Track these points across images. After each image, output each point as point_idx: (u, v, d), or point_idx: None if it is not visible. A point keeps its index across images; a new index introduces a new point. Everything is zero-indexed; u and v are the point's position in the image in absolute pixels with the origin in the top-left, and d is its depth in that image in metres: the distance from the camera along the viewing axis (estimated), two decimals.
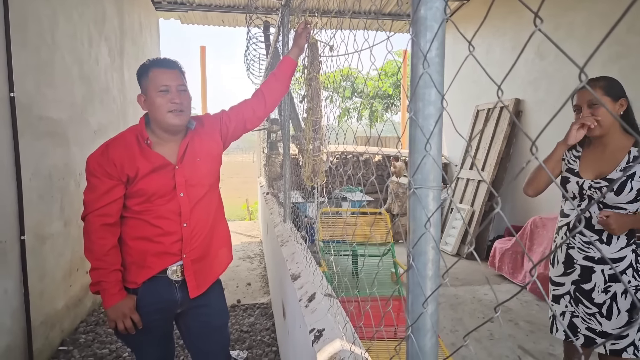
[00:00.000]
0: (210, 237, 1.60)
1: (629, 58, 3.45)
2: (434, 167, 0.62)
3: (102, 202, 1.43)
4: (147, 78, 1.47)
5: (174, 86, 1.46)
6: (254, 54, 4.94)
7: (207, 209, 1.58)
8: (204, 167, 1.56)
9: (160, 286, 1.52)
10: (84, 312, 3.35)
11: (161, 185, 1.47)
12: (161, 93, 1.44)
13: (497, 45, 5.37)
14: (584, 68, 0.38)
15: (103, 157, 1.44)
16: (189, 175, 1.52)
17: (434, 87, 0.60)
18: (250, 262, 5.18)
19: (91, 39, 3.63)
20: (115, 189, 1.44)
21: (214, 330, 1.69)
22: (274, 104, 1.78)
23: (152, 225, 1.47)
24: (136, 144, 1.47)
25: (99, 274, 1.44)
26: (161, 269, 1.50)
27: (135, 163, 1.44)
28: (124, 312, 1.45)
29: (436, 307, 0.65)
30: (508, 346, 2.83)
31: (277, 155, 5.19)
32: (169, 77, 1.46)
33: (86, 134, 3.49)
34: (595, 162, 1.67)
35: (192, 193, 1.52)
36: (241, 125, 1.71)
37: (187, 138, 1.54)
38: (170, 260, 1.51)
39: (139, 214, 1.47)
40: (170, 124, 1.47)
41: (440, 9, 0.59)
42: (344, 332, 1.28)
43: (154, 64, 1.48)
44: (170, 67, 1.49)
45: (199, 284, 1.57)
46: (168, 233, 1.48)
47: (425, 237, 0.63)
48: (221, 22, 7.20)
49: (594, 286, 1.65)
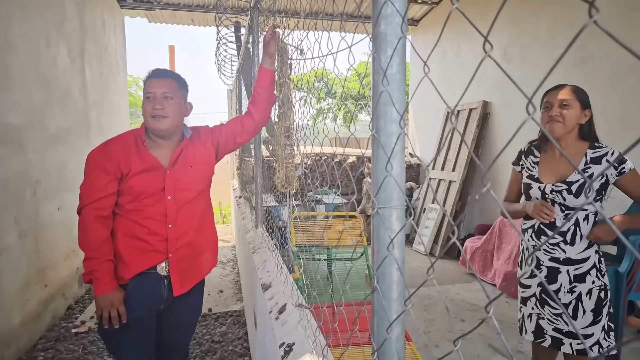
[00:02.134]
0: (196, 239, 1.68)
1: (591, 63, 3.56)
2: (397, 187, 0.60)
3: (98, 195, 1.52)
4: (144, 85, 1.60)
5: (158, 93, 1.56)
6: (224, 54, 4.86)
7: (193, 213, 1.67)
8: (194, 174, 1.66)
9: (149, 281, 1.59)
10: (43, 327, 3.17)
11: (150, 185, 1.56)
12: (147, 100, 1.57)
13: (467, 48, 5.47)
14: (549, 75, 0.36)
15: (102, 153, 1.54)
16: (178, 179, 1.61)
17: (394, 105, 0.58)
18: (223, 267, 5.08)
19: (49, 38, 3.46)
20: (110, 184, 1.53)
21: (184, 325, 1.81)
22: (263, 116, 1.83)
23: (140, 225, 1.56)
24: (134, 144, 1.58)
25: (93, 264, 1.50)
26: (148, 267, 1.58)
27: (129, 160, 1.54)
28: (112, 302, 1.51)
29: (402, 330, 0.63)
30: (479, 345, 2.88)
31: (249, 158, 5.12)
32: (155, 85, 1.57)
33: (44, 139, 3.32)
34: (554, 167, 1.73)
35: (179, 197, 1.62)
36: (231, 139, 1.80)
37: (181, 145, 1.64)
38: (157, 258, 1.59)
39: (128, 212, 1.56)
40: (152, 128, 1.57)
41: (400, 24, 0.57)
42: (314, 346, 1.25)
43: (151, 74, 1.61)
44: (160, 76, 1.60)
45: (183, 283, 1.66)
46: (154, 233, 1.57)
47: (388, 259, 0.60)
48: (190, 22, 7.05)
49: (560, 286, 1.69)
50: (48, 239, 3.32)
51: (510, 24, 4.52)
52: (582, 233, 1.65)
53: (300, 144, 1.82)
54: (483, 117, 5.05)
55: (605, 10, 3.31)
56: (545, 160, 1.78)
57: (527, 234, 1.83)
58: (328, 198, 5.48)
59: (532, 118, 0.36)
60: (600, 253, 1.69)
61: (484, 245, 4.30)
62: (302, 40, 1.63)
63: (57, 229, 3.48)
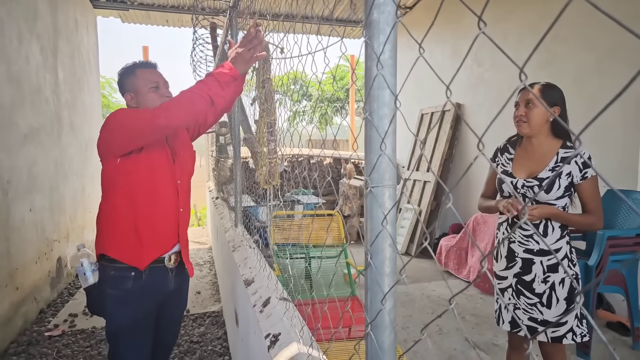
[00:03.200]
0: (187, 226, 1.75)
1: (556, 65, 3.74)
2: (389, 166, 0.64)
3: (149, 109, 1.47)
4: (134, 77, 1.60)
5: (161, 82, 1.64)
6: (200, 55, 4.83)
7: (189, 198, 1.75)
8: (188, 159, 1.75)
9: (159, 275, 1.63)
10: (15, 331, 3.07)
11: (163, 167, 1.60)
12: (152, 89, 1.61)
13: (439, 52, 5.62)
14: (523, 68, 0.40)
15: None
16: (181, 165, 1.69)
17: (388, 88, 0.62)
18: (199, 269, 5.02)
19: (21, 37, 3.37)
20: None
21: (176, 318, 1.86)
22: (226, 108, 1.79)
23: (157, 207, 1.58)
24: None
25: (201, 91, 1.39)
26: (161, 254, 1.60)
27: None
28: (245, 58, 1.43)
29: (394, 303, 0.66)
30: (456, 339, 2.96)
31: (226, 158, 5.09)
32: (156, 75, 1.64)
33: (15, 138, 3.22)
34: (527, 163, 1.81)
35: (184, 182, 1.69)
36: (196, 130, 1.85)
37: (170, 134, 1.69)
38: (169, 243, 1.63)
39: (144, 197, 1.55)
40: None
41: (392, 13, 0.61)
42: (300, 335, 1.27)
43: (138, 65, 1.64)
44: (153, 67, 1.67)
45: (191, 266, 1.76)
46: (167, 216, 1.62)
47: (382, 234, 0.64)
48: (165, 22, 6.95)
49: (535, 277, 1.76)
50: (19, 241, 3.21)
51: (480, 30, 4.67)
52: (554, 226, 1.74)
53: (279, 142, 1.85)
54: (456, 118, 5.20)
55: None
56: (519, 156, 1.85)
57: (502, 227, 1.91)
58: (305, 198, 5.51)
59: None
60: (571, 244, 1.77)
61: (459, 243, 4.42)
62: (282, 40, 1.67)
63: (28, 231, 3.37)
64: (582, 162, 1.68)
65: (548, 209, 1.69)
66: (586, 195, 1.70)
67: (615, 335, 2.94)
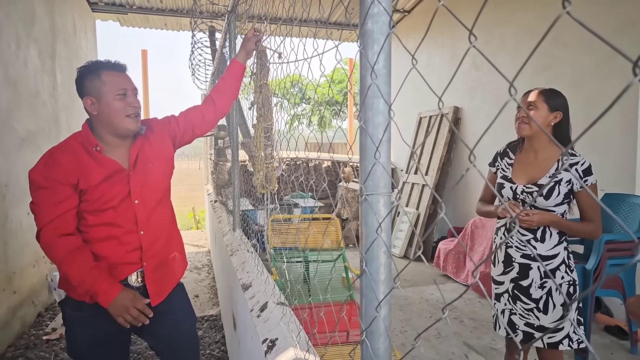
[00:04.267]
0: (168, 242, 1.58)
1: (554, 69, 3.75)
2: (384, 174, 0.64)
3: (56, 212, 1.34)
4: (98, 80, 1.39)
5: (130, 89, 1.44)
6: (199, 58, 4.85)
7: (163, 215, 1.56)
8: (156, 171, 1.53)
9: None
10: (12, 335, 3.07)
11: (116, 192, 1.41)
12: (119, 97, 1.40)
13: (437, 56, 5.64)
14: (513, 82, 0.41)
15: (47, 167, 1.35)
16: (142, 180, 1.47)
17: (382, 97, 0.62)
18: (198, 273, 5.02)
19: (19, 40, 3.38)
20: (69, 199, 1.36)
21: (181, 334, 1.65)
22: (225, 109, 1.76)
23: (108, 237, 1.43)
24: (84, 151, 1.40)
25: (77, 277, 1.33)
26: (120, 280, 1.45)
27: (87, 172, 1.37)
28: (125, 304, 1.36)
29: (389, 310, 0.66)
30: (454, 343, 2.96)
31: (225, 162, 5.10)
32: (125, 80, 1.43)
33: (12, 141, 3.22)
34: (527, 169, 1.80)
35: (147, 199, 1.48)
36: (189, 130, 1.67)
37: (137, 143, 1.49)
38: (129, 270, 1.47)
39: (92, 226, 1.41)
40: (128, 128, 1.42)
41: (386, 23, 0.62)
42: (297, 340, 1.28)
43: (104, 66, 1.43)
44: (122, 70, 1.46)
45: (160, 291, 1.54)
46: (124, 243, 1.44)
47: (377, 242, 0.64)
48: (164, 26, 6.97)
49: (531, 282, 1.76)
50: (16, 244, 3.21)
51: (479, 33, 4.69)
52: (552, 232, 1.73)
53: (277, 147, 1.85)
54: (454, 122, 5.21)
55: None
56: (519, 161, 1.84)
57: (500, 232, 1.91)
58: (303, 202, 5.51)
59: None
60: (569, 250, 1.76)
61: (457, 247, 4.42)
62: (280, 45, 1.68)
63: (25, 235, 3.37)
64: (583, 170, 1.66)
65: (548, 215, 1.68)
66: (586, 203, 1.70)
67: (613, 340, 2.94)
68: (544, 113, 1.71)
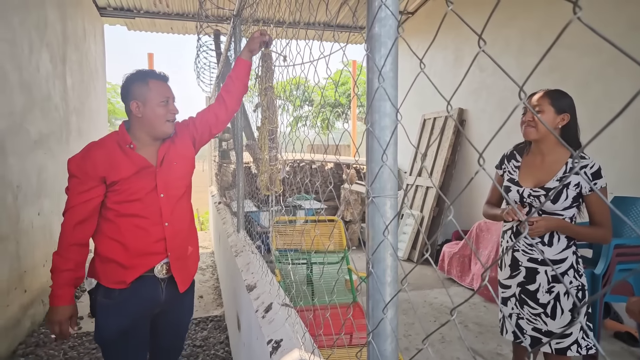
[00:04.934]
0: (188, 236, 1.72)
1: (560, 71, 3.74)
2: (391, 177, 0.65)
3: (78, 200, 1.50)
4: (147, 87, 1.57)
5: (171, 98, 1.63)
6: (204, 62, 4.88)
7: (185, 210, 1.71)
8: (180, 169, 1.69)
9: (147, 285, 1.60)
10: (23, 333, 3.11)
11: (143, 186, 1.57)
12: (162, 103, 1.58)
13: (440, 58, 5.64)
14: (523, 86, 0.41)
15: (84, 159, 1.51)
16: (167, 177, 1.63)
17: (389, 100, 0.63)
18: (202, 273, 5.03)
19: (32, 45, 3.44)
20: (93, 190, 1.52)
21: (179, 327, 1.83)
22: (235, 106, 1.86)
23: (136, 227, 1.56)
24: (118, 148, 1.56)
25: (53, 267, 1.50)
26: (147, 269, 1.58)
27: (118, 166, 1.53)
28: (54, 319, 1.50)
29: (396, 312, 0.67)
30: (459, 348, 2.94)
31: (229, 164, 5.12)
32: (168, 90, 1.63)
33: (25, 144, 3.28)
34: (534, 172, 1.76)
35: (170, 194, 1.64)
36: (207, 131, 1.81)
37: (166, 143, 1.66)
38: (156, 259, 1.60)
39: (122, 216, 1.55)
40: (166, 132, 1.62)
41: (394, 27, 0.62)
42: (302, 341, 1.28)
43: (152, 75, 1.61)
44: (166, 80, 1.66)
45: (184, 280, 1.69)
46: (151, 233, 1.58)
47: (383, 244, 0.65)
48: (170, 30, 7.02)
49: (539, 287, 1.72)
50: (28, 244, 3.26)
51: (483, 35, 4.70)
52: (560, 236, 1.69)
53: (281, 149, 1.86)
54: (459, 123, 5.20)
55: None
56: (526, 164, 1.81)
57: (506, 235, 1.87)
58: (307, 204, 5.52)
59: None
60: (578, 254, 1.72)
61: (462, 250, 4.40)
62: (285, 48, 1.70)
63: (36, 234, 3.42)
64: (592, 173, 1.63)
65: (554, 221, 1.64)
66: (595, 206, 1.65)
67: (623, 346, 2.87)
68: (551, 116, 1.67)
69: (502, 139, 1.84)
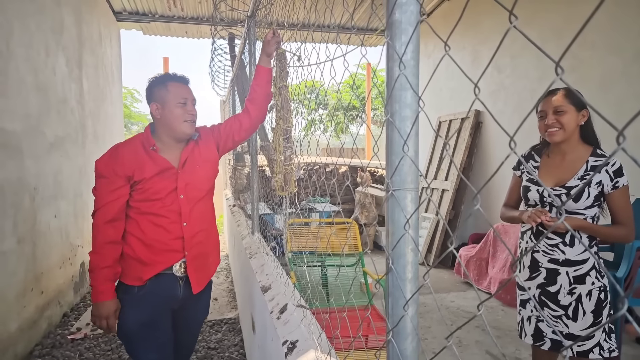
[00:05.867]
0: (207, 237, 1.75)
1: (581, 70, 3.66)
2: (412, 169, 0.63)
3: (109, 198, 1.56)
4: (165, 89, 1.62)
5: (190, 99, 1.66)
6: (219, 65, 4.91)
7: (204, 211, 1.75)
8: (202, 173, 1.73)
9: (166, 282, 1.64)
10: (39, 334, 3.14)
11: (164, 186, 1.61)
12: (180, 104, 1.62)
13: (457, 58, 5.57)
14: (559, 62, 0.39)
15: (112, 159, 1.57)
16: (188, 179, 1.67)
17: (411, 88, 0.61)
18: (216, 276, 5.04)
19: (48, 48, 3.49)
20: (121, 189, 1.57)
21: (195, 324, 1.89)
22: (259, 115, 1.89)
23: (155, 225, 1.60)
24: (143, 149, 1.62)
25: (92, 267, 1.55)
26: (167, 266, 1.63)
27: (142, 166, 1.58)
28: (102, 313, 1.55)
29: (416, 310, 0.64)
30: (476, 352, 2.88)
31: (243, 166, 5.13)
32: (187, 91, 1.66)
33: (42, 146, 3.32)
34: (555, 171, 1.73)
35: (190, 195, 1.67)
36: (230, 138, 1.85)
37: (189, 146, 1.70)
38: (174, 257, 1.64)
39: (143, 214, 1.60)
40: (185, 132, 1.64)
41: (415, 12, 0.60)
42: (318, 342, 1.26)
43: (171, 78, 1.66)
44: (186, 82, 1.69)
45: (200, 281, 1.72)
46: (170, 232, 1.62)
47: (404, 238, 0.62)
48: (184, 34, 7.10)
49: (560, 288, 1.69)
50: (44, 246, 3.30)
51: (501, 34, 4.63)
52: (582, 235, 1.66)
53: (295, 151, 1.85)
54: (476, 126, 5.13)
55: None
56: (545, 164, 1.79)
57: (525, 236, 1.84)
58: (321, 206, 5.50)
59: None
60: (599, 254, 1.70)
61: (479, 253, 4.32)
62: (299, 48, 1.69)
63: (53, 236, 3.47)
64: (614, 171, 1.61)
65: (576, 221, 1.62)
66: (617, 205, 1.63)
67: None
68: (574, 115, 1.65)
69: (521, 140, 1.79)
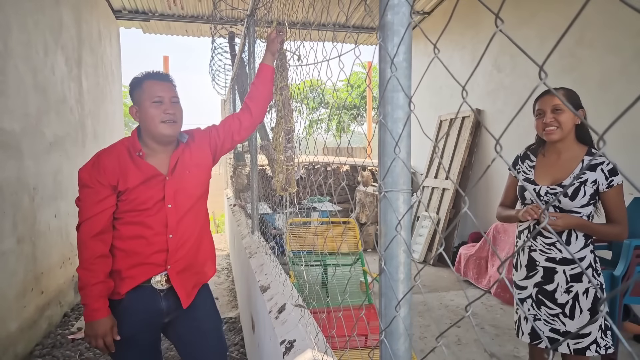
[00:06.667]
0: (197, 248, 1.62)
1: (580, 70, 3.65)
2: (404, 170, 0.63)
3: (94, 210, 1.44)
4: (140, 89, 1.49)
5: (167, 97, 1.50)
6: (219, 64, 4.91)
7: (195, 221, 1.61)
8: (193, 178, 1.59)
9: (144, 296, 1.52)
10: (40, 334, 3.15)
11: (150, 195, 1.49)
12: (155, 104, 1.48)
13: (457, 58, 5.57)
14: (543, 66, 0.39)
15: (94, 168, 1.46)
16: (177, 186, 1.54)
17: (402, 90, 0.61)
18: (217, 275, 5.05)
19: (47, 47, 3.49)
20: (107, 199, 1.46)
21: (204, 334, 1.67)
22: (260, 113, 1.79)
23: (138, 236, 1.49)
24: (127, 155, 1.49)
25: (83, 283, 1.42)
26: (144, 280, 1.50)
27: (127, 174, 1.46)
28: (98, 332, 1.43)
29: (409, 310, 0.65)
30: (475, 351, 2.89)
31: (243, 166, 5.13)
32: (162, 88, 1.50)
33: (41, 146, 3.32)
34: (550, 170, 1.75)
35: (180, 204, 1.54)
36: (229, 138, 1.73)
37: (178, 150, 1.57)
38: (154, 271, 1.51)
39: (126, 224, 1.49)
40: (163, 134, 1.49)
41: (407, 14, 0.60)
42: (315, 342, 1.26)
43: (147, 76, 1.52)
44: (163, 79, 1.53)
45: (189, 293, 1.59)
46: (152, 244, 1.50)
47: (396, 240, 0.63)
48: (184, 32, 7.10)
49: (557, 287, 1.70)
50: (44, 245, 3.31)
51: (500, 33, 4.62)
52: (578, 234, 1.68)
53: (296, 150, 1.84)
54: (476, 125, 5.12)
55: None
56: (541, 163, 1.80)
57: (522, 235, 1.86)
58: (321, 206, 5.50)
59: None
60: (596, 253, 1.72)
61: (478, 252, 4.33)
62: (299, 48, 1.68)
63: (53, 236, 3.47)
64: (609, 170, 1.62)
65: (573, 219, 1.63)
66: (611, 204, 1.65)
67: None
68: (571, 114, 1.66)
69: (519, 140, 1.80)
